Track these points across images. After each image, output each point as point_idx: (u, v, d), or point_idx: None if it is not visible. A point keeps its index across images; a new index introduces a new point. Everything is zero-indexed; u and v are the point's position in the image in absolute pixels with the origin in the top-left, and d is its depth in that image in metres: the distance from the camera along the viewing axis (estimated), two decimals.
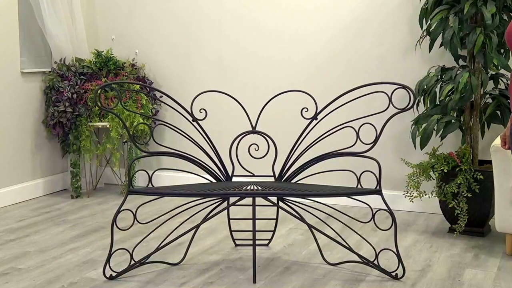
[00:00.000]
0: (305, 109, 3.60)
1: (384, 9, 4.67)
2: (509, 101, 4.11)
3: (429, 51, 4.26)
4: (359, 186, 3.57)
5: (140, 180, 5.37)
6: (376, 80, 4.05)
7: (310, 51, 4.92)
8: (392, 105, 3.40)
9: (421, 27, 4.23)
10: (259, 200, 3.41)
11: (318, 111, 3.63)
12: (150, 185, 3.58)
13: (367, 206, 3.53)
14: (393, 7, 4.64)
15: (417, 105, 4.24)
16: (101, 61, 5.24)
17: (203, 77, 5.20)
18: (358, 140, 3.50)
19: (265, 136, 3.74)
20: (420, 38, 4.27)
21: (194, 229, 3.55)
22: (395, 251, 3.36)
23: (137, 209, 3.44)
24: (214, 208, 3.52)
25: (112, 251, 3.33)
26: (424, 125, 4.11)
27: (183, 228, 3.56)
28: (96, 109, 4.99)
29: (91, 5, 5.56)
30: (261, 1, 5.05)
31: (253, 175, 3.69)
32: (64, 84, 4.98)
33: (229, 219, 3.85)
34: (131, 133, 3.73)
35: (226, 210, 3.74)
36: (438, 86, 4.12)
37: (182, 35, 5.30)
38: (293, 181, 3.60)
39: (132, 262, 3.41)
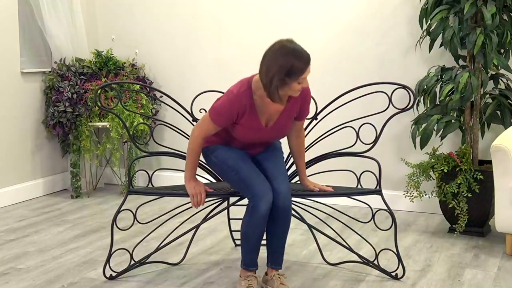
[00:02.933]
0: None
1: (384, 9, 4.67)
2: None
3: (429, 51, 4.26)
4: (359, 186, 3.57)
5: (140, 180, 5.37)
6: (376, 80, 4.05)
7: (310, 51, 4.89)
8: (392, 105, 3.39)
9: (421, 27, 4.23)
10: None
11: (318, 111, 3.63)
12: (150, 185, 3.58)
13: (367, 206, 3.52)
14: (393, 7, 4.64)
15: (417, 105, 4.24)
16: (101, 61, 5.24)
17: (203, 77, 5.20)
18: (358, 140, 3.50)
19: None
20: (420, 38, 4.27)
21: (194, 229, 3.55)
22: (395, 251, 3.36)
23: (137, 209, 3.44)
24: (214, 208, 3.52)
25: (112, 251, 3.33)
26: (424, 125, 4.11)
27: (183, 228, 3.56)
28: (96, 109, 4.99)
29: (91, 5, 5.56)
30: (261, 2, 5.05)
31: None
32: (64, 84, 4.98)
33: (229, 219, 3.85)
34: (131, 133, 3.73)
35: (226, 210, 3.74)
36: (438, 86, 4.13)
37: (182, 35, 5.30)
38: (293, 181, 3.60)
39: (132, 262, 3.41)
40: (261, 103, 3.01)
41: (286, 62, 2.86)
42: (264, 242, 3.14)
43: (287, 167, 3.62)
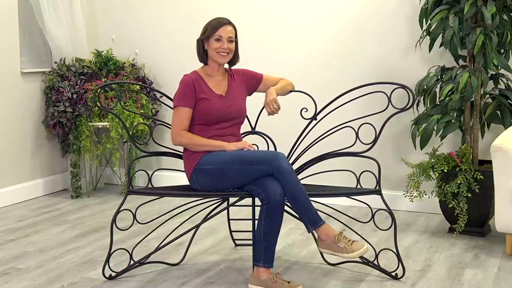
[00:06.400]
0: (305, 109, 3.60)
1: (384, 9, 4.67)
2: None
3: (429, 51, 4.26)
4: (358, 186, 3.57)
5: (140, 180, 5.38)
6: (376, 80, 4.05)
7: (309, 51, 4.92)
8: (392, 105, 3.39)
9: (421, 27, 4.22)
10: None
11: (317, 111, 3.63)
12: (150, 185, 3.58)
13: (367, 206, 3.53)
14: (393, 7, 4.64)
15: (417, 105, 4.24)
16: (101, 61, 5.25)
17: None
18: (358, 140, 3.50)
19: (265, 137, 3.74)
20: (420, 38, 4.27)
21: (194, 229, 3.55)
22: (395, 251, 3.36)
23: (137, 209, 3.44)
24: (214, 208, 3.52)
25: (112, 251, 3.33)
26: (424, 125, 4.11)
27: (183, 228, 3.56)
28: (96, 109, 4.99)
29: (91, 5, 5.56)
30: (262, 3, 5.05)
31: None
32: (64, 84, 4.99)
33: (229, 219, 3.86)
34: (131, 133, 3.73)
35: (226, 210, 3.74)
36: (438, 86, 4.13)
37: (182, 35, 5.30)
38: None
39: (132, 262, 3.41)
40: (210, 79, 3.39)
41: (204, 26, 3.40)
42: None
43: (290, 161, 3.64)
